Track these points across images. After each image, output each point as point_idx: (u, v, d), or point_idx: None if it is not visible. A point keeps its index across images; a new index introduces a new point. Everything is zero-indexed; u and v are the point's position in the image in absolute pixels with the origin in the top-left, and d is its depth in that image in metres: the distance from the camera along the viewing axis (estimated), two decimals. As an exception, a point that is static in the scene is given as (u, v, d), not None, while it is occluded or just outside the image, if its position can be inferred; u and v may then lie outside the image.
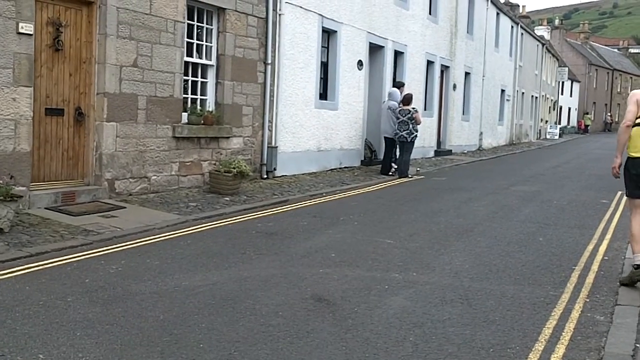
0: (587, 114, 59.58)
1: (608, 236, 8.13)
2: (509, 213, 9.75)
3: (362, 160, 15.91)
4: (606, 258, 6.89)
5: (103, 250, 6.38)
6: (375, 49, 16.52)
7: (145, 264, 5.94)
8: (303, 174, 13.22)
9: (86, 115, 8.78)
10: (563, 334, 4.48)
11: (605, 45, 77.61)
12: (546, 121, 45.50)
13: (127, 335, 4.13)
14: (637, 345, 4.25)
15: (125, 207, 8.46)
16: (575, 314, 4.92)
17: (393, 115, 14.26)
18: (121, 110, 9.00)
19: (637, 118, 5.74)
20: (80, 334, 4.12)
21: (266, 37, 11.94)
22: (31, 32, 7.71)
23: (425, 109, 19.71)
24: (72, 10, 8.47)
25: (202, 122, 10.49)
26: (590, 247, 7.45)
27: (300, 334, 4.29)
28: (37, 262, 5.80)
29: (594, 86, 64.03)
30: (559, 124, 50.72)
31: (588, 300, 5.31)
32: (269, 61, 12.00)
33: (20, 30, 7.55)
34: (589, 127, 57.57)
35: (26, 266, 5.64)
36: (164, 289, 5.16)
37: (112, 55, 8.79)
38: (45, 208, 7.93)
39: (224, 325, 4.40)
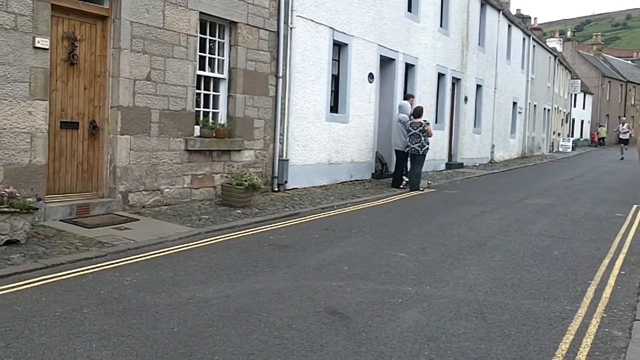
0: (602, 126, 58.70)
1: (624, 250, 8.06)
2: (523, 226, 9.70)
3: (373, 173, 15.92)
4: (623, 272, 6.82)
5: (117, 262, 6.41)
6: (386, 62, 16.56)
7: (159, 276, 5.96)
8: (314, 187, 13.23)
9: (100, 129, 8.85)
10: (580, 349, 4.44)
11: (619, 57, 77.38)
12: (559, 134, 45.33)
13: (143, 347, 4.14)
14: (656, 360, 4.20)
15: (138, 220, 8.50)
16: (592, 329, 4.87)
17: (403, 128, 14.27)
18: (135, 124, 9.07)
19: None
20: (96, 345, 4.13)
21: (277, 51, 12.01)
22: (47, 47, 7.80)
23: (436, 122, 19.70)
24: (86, 24, 8.57)
25: (214, 135, 10.55)
26: (606, 261, 7.38)
27: (314, 347, 4.28)
28: (52, 273, 5.84)
29: (607, 98, 63.75)
30: (572, 136, 50.51)
31: (605, 315, 5.26)
32: (280, 74, 12.07)
33: (37, 45, 7.64)
34: (604, 140, 55.83)
35: (42, 277, 5.68)
36: (178, 301, 5.17)
37: (125, 69, 8.87)
38: (60, 220, 7.99)
39: (238, 337, 4.40)
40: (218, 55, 11.02)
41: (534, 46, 33.23)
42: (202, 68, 10.61)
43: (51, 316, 4.65)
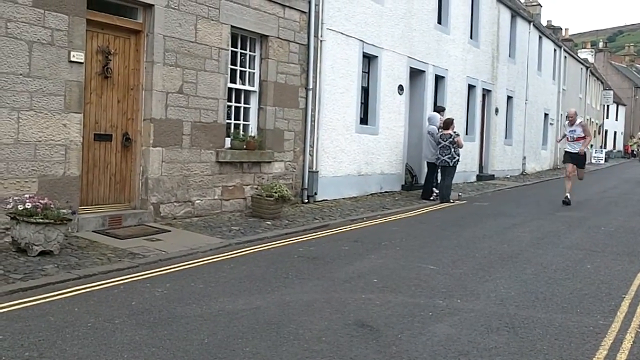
0: (633, 137, 57.49)
1: (659, 264, 7.89)
2: (555, 239, 9.56)
3: (402, 185, 15.85)
4: (658, 286, 6.68)
5: (149, 273, 6.48)
6: (415, 74, 16.53)
7: (189, 287, 6.01)
8: (344, 199, 13.23)
9: (133, 141, 8.98)
10: (615, 365, 4.36)
11: (652, 68, 75.92)
12: (591, 145, 44.60)
13: (173, 358, 4.16)
14: (694, 378, 4.09)
15: (170, 231, 8.59)
16: (626, 344, 4.77)
17: (432, 140, 14.21)
18: (167, 136, 9.19)
19: None
20: (127, 356, 4.18)
21: (308, 63, 12.08)
22: (82, 60, 7.95)
23: (466, 133, 19.58)
24: (120, 38, 8.73)
25: (245, 147, 10.63)
26: (641, 275, 7.24)
27: (344, 360, 4.26)
28: (85, 284, 5.92)
29: (641, 109, 62.59)
30: (605, 148, 49.67)
31: (640, 330, 5.16)
32: (311, 87, 12.13)
33: (72, 59, 7.79)
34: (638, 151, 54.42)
35: (75, 288, 5.77)
36: (208, 313, 5.20)
37: (158, 82, 9.00)
38: (93, 231, 8.11)
39: (268, 349, 4.40)
40: (249, 68, 11.12)
41: (565, 57, 32.85)
42: (233, 81, 10.72)
43: (83, 327, 4.71)
